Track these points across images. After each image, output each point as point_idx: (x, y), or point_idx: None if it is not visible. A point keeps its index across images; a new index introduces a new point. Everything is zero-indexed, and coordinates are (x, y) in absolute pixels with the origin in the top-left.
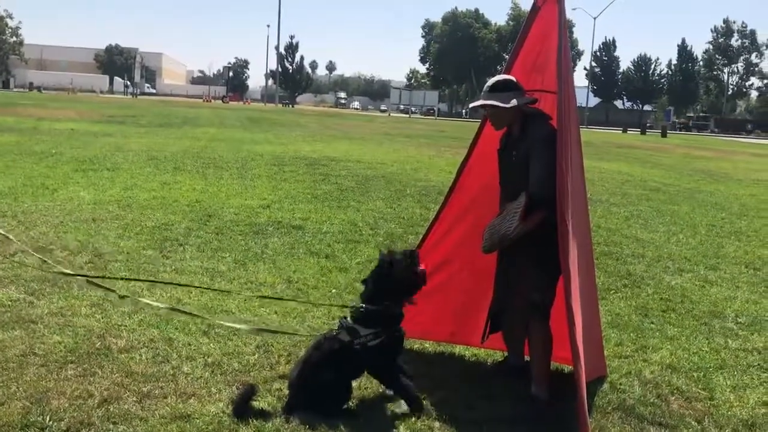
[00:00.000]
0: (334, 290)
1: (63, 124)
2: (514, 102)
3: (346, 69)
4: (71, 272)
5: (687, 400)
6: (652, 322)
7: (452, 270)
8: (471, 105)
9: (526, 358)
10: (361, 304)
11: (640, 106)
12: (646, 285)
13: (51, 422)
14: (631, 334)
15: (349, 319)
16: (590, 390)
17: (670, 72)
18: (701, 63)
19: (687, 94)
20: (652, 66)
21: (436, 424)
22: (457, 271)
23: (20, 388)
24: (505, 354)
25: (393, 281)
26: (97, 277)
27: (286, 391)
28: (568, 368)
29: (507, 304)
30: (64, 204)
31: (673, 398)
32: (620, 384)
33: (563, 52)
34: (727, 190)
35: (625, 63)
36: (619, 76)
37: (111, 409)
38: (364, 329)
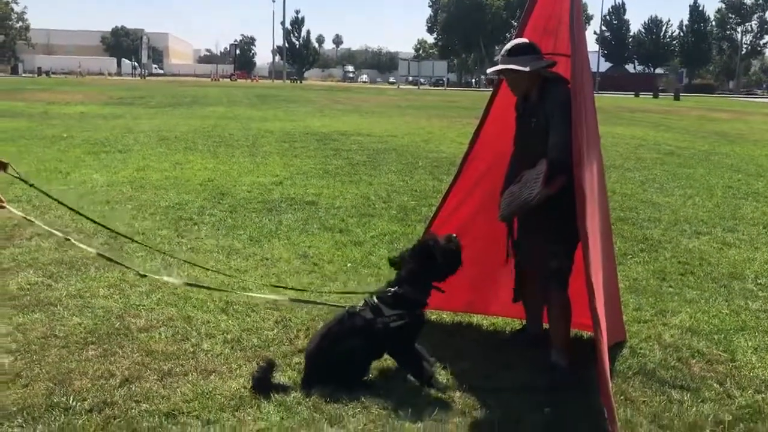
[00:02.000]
0: (349, 264)
1: (73, 108)
2: (532, 66)
3: (353, 42)
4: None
5: (708, 363)
6: (671, 286)
7: (468, 239)
8: (489, 71)
9: (545, 326)
10: (390, 288)
11: (652, 69)
12: (663, 249)
13: (74, 402)
14: (650, 299)
15: (374, 297)
16: (610, 355)
17: (681, 33)
18: (714, 23)
19: (699, 55)
20: (663, 28)
21: (457, 393)
22: (473, 241)
23: (43, 370)
24: (524, 322)
25: (436, 259)
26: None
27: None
28: (587, 335)
29: (525, 273)
30: (78, 187)
31: (694, 361)
32: (640, 349)
33: (575, 15)
34: (743, 151)
35: (635, 26)
36: (630, 40)
37: (133, 388)
38: (388, 309)
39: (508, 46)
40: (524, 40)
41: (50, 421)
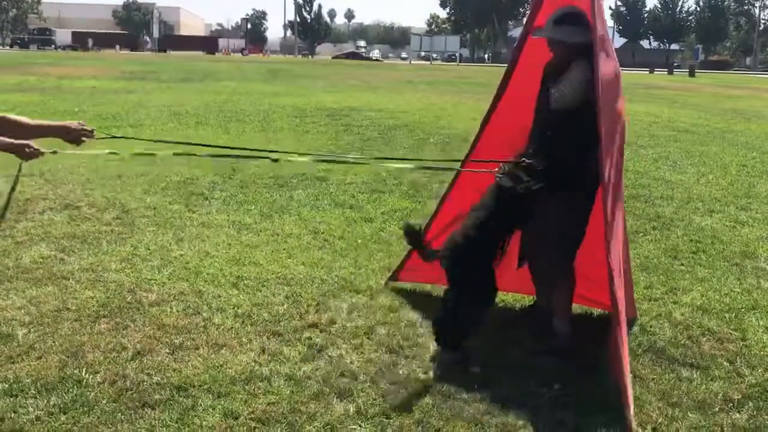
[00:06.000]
0: (359, 240)
1: (84, 82)
2: (576, 39)
3: (365, 17)
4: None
5: (719, 341)
6: (682, 264)
7: None
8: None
9: None
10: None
11: (667, 45)
12: (675, 227)
13: (87, 375)
14: (661, 277)
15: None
16: None
17: (698, 9)
18: None
19: (716, 31)
20: (680, 3)
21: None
22: None
23: (56, 342)
24: (534, 298)
25: None
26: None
27: (317, 340)
28: (596, 312)
29: (532, 248)
30: (90, 161)
31: (705, 339)
32: (650, 326)
33: None
34: (758, 128)
35: (651, 1)
36: (645, 15)
37: (145, 361)
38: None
39: (559, 12)
40: (576, 8)
41: (63, 392)
